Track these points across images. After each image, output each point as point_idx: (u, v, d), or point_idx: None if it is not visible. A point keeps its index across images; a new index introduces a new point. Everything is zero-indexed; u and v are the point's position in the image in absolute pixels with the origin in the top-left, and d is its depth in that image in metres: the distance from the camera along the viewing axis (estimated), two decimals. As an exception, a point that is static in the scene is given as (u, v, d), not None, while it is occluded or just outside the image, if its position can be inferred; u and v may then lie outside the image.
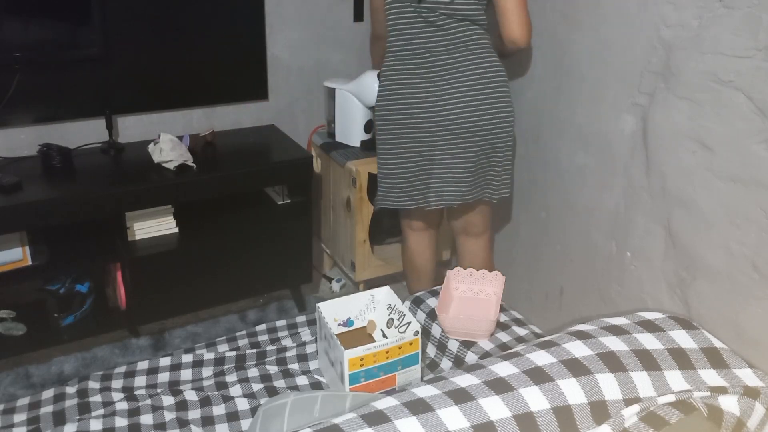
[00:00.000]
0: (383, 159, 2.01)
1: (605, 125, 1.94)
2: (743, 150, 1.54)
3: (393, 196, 2.02)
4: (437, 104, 1.90)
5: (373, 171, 2.34)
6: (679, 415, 0.96)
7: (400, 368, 1.48)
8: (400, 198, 2.02)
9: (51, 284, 2.18)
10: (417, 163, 1.97)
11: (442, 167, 1.96)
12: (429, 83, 1.90)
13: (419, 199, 2.01)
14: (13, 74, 2.13)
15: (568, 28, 2.02)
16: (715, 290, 1.67)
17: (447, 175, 1.97)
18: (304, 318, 1.91)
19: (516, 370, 1.01)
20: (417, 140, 1.94)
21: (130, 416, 1.49)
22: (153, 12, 2.30)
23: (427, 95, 1.90)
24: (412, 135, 1.94)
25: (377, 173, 2.06)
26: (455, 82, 1.89)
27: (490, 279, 1.75)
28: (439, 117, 1.90)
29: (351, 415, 0.94)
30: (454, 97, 1.89)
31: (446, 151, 1.93)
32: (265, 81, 2.61)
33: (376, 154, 2.05)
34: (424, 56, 1.90)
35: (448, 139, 1.92)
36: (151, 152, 2.20)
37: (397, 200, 2.02)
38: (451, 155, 1.94)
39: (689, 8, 1.61)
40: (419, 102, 1.91)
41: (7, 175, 2.01)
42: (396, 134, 1.96)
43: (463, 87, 1.89)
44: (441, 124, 1.91)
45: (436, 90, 1.90)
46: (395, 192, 2.01)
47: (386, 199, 2.04)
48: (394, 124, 1.95)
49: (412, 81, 1.91)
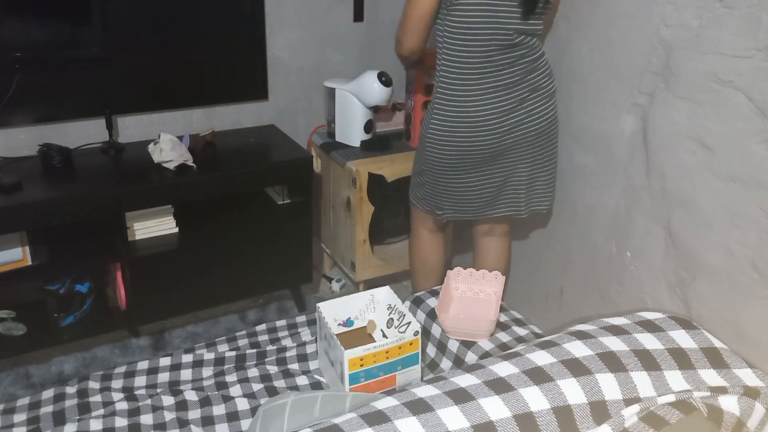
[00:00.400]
0: (454, 179, 1.96)
1: (605, 125, 1.94)
2: (743, 150, 1.54)
3: (470, 210, 2.02)
4: (523, 123, 1.89)
5: (374, 171, 2.34)
6: (679, 415, 0.96)
7: (400, 368, 1.48)
8: (477, 211, 2.02)
9: (51, 284, 2.18)
10: (501, 179, 1.97)
11: (526, 177, 1.98)
12: (514, 103, 1.87)
13: (499, 209, 2.04)
14: (13, 74, 2.12)
15: (569, 28, 2.02)
16: (715, 290, 1.67)
17: (534, 183, 2.02)
18: (304, 318, 1.91)
19: (516, 370, 1.01)
20: (499, 159, 1.93)
21: (130, 416, 1.49)
22: (153, 12, 2.29)
23: (513, 116, 1.88)
24: (492, 155, 1.91)
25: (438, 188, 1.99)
26: (538, 99, 1.91)
27: (490, 279, 1.75)
28: (524, 134, 1.91)
29: (351, 415, 0.94)
30: (539, 113, 1.91)
31: (531, 162, 1.97)
32: (265, 81, 2.61)
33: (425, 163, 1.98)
34: (508, 77, 1.85)
35: (534, 152, 1.96)
36: (151, 152, 2.20)
37: (473, 213, 2.03)
38: (538, 166, 1.99)
39: (689, 8, 1.61)
40: (504, 124, 1.87)
41: (7, 175, 2.01)
42: (475, 157, 1.91)
43: (545, 101, 1.92)
44: (527, 140, 1.92)
45: (521, 109, 1.88)
46: (472, 207, 2.01)
47: (461, 212, 2.02)
48: (473, 147, 1.89)
49: (494, 103, 1.86)
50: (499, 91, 1.85)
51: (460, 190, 1.97)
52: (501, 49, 1.81)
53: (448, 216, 2.04)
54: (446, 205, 2.01)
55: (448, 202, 2.01)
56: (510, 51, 1.82)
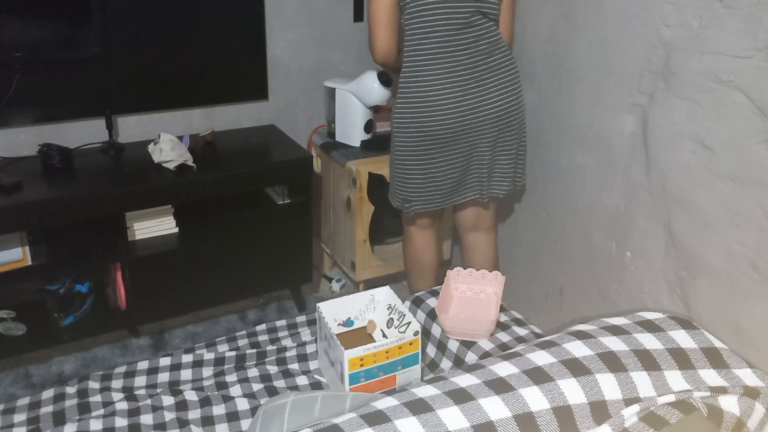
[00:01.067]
0: (419, 165, 1.96)
1: (605, 125, 1.94)
2: (743, 150, 1.54)
3: (437, 198, 2.02)
4: (482, 104, 1.91)
5: (374, 171, 2.34)
6: (679, 415, 0.96)
7: (400, 368, 1.48)
8: (444, 198, 2.03)
9: (51, 284, 2.18)
10: (463, 161, 1.98)
11: (487, 160, 2.00)
12: (473, 84, 1.89)
13: (464, 193, 2.06)
14: (13, 74, 2.13)
15: (569, 28, 2.02)
16: (715, 290, 1.67)
17: (494, 167, 2.04)
18: (304, 318, 1.91)
19: (516, 370, 1.01)
20: (460, 140, 1.93)
21: (130, 416, 1.49)
22: (153, 12, 2.30)
23: (471, 96, 1.90)
24: (453, 136, 1.92)
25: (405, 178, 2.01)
26: (498, 81, 1.93)
27: (490, 279, 1.75)
28: (484, 115, 1.92)
29: (351, 415, 0.94)
30: (499, 95, 1.93)
31: (492, 145, 1.98)
32: (265, 81, 2.61)
33: (393, 155, 2.02)
34: (466, 58, 1.88)
35: (494, 135, 1.97)
36: (151, 152, 2.20)
37: (440, 201, 2.04)
38: (499, 149, 2.01)
39: (689, 8, 1.61)
40: (463, 103, 1.89)
41: (7, 175, 2.01)
42: (436, 139, 1.92)
43: (506, 84, 1.95)
44: (487, 122, 1.93)
45: (480, 90, 1.90)
46: (438, 194, 2.01)
47: (427, 203, 2.03)
48: (433, 128, 1.90)
49: (452, 83, 1.88)
50: (458, 71, 1.87)
51: (425, 178, 1.98)
52: (458, 29, 1.85)
53: (416, 208, 2.04)
54: (412, 196, 2.02)
55: (414, 193, 2.01)
56: (467, 31, 1.86)
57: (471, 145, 1.96)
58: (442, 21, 1.84)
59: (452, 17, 1.84)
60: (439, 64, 1.87)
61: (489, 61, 1.91)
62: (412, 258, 2.25)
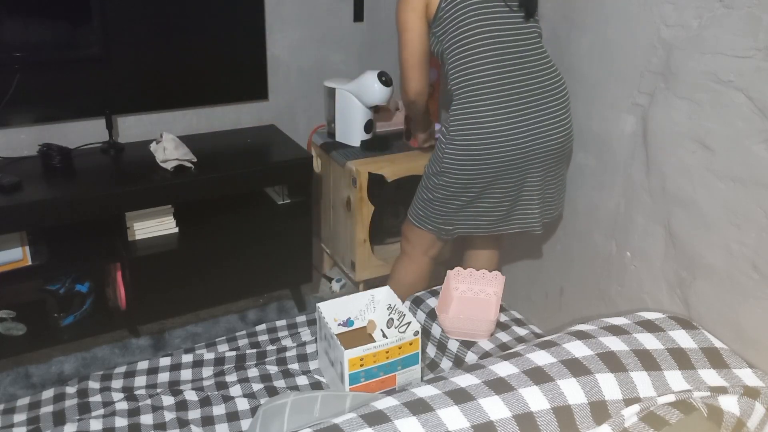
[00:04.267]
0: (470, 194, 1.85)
1: (605, 125, 1.94)
2: (743, 150, 1.54)
3: (483, 225, 1.92)
4: (540, 132, 1.80)
5: (374, 171, 2.34)
6: (679, 415, 0.96)
7: (400, 368, 1.48)
8: (491, 225, 1.93)
9: (51, 284, 2.18)
10: (516, 191, 1.87)
11: (538, 190, 1.89)
12: (530, 111, 1.78)
13: (512, 224, 1.95)
14: (13, 74, 2.12)
15: (569, 28, 2.02)
16: (715, 290, 1.67)
17: (546, 197, 1.94)
18: (304, 318, 1.92)
19: (516, 370, 1.01)
20: (517, 170, 1.82)
21: (130, 416, 1.49)
22: (153, 12, 2.30)
23: (529, 124, 1.78)
24: (508, 167, 1.80)
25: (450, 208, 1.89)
26: (555, 106, 1.82)
27: (490, 279, 1.75)
28: (543, 144, 1.81)
29: (351, 415, 0.94)
30: (556, 123, 1.83)
31: (543, 175, 1.88)
32: (265, 81, 2.61)
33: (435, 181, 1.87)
34: (520, 82, 1.77)
35: (548, 164, 1.87)
36: (154, 151, 2.20)
37: (487, 227, 1.93)
38: (550, 178, 1.91)
39: (689, 8, 1.61)
40: (520, 132, 1.78)
41: (7, 175, 2.01)
42: (491, 171, 1.80)
43: (561, 110, 1.84)
44: (544, 152, 1.83)
45: (538, 117, 1.79)
46: (486, 221, 1.91)
47: (473, 227, 1.92)
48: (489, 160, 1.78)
49: (508, 111, 1.76)
50: (512, 97, 1.77)
51: (476, 208, 1.88)
52: (508, 51, 1.77)
53: (459, 232, 1.94)
54: (458, 221, 1.91)
55: (459, 219, 1.91)
56: (518, 52, 1.78)
57: (523, 174, 1.84)
58: (488, 53, 1.75)
59: (500, 38, 1.75)
60: (492, 90, 1.76)
61: (544, 84, 1.80)
62: (406, 282, 2.09)
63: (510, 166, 1.80)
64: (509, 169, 1.81)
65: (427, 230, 1.96)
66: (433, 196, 1.89)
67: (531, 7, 1.80)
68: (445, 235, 1.96)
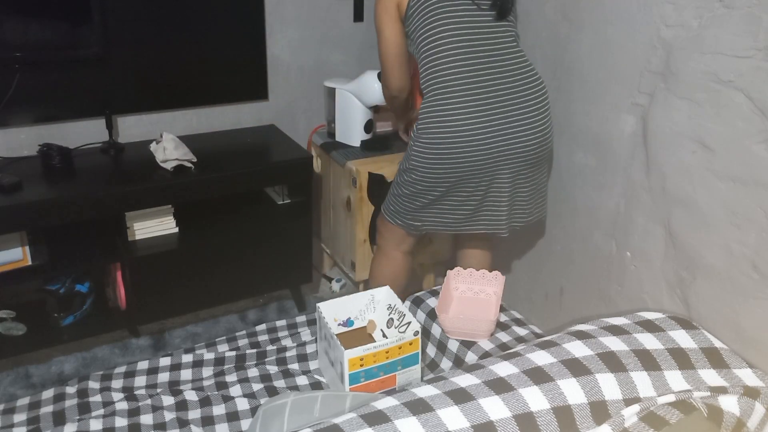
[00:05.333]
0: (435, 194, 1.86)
1: (605, 125, 1.94)
2: (743, 150, 1.54)
3: (450, 223, 1.92)
4: (510, 136, 1.78)
5: (374, 171, 2.34)
6: (679, 415, 0.96)
7: (400, 368, 1.48)
8: (458, 224, 1.92)
9: (51, 284, 2.18)
10: (482, 192, 1.86)
11: (506, 194, 1.87)
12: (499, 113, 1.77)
13: (477, 225, 1.93)
14: (13, 74, 2.13)
15: (569, 28, 2.02)
16: (715, 290, 1.67)
17: (515, 201, 1.92)
18: (304, 318, 1.91)
19: (516, 370, 1.01)
20: (484, 172, 1.81)
21: (130, 416, 1.49)
22: (153, 12, 2.30)
23: (497, 127, 1.77)
24: (475, 169, 1.80)
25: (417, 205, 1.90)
26: (527, 108, 1.80)
27: (490, 279, 1.75)
28: (512, 149, 1.80)
29: (351, 415, 0.94)
30: (528, 126, 1.80)
31: (513, 178, 1.85)
32: (265, 81, 2.61)
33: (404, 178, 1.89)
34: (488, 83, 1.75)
35: (517, 168, 1.84)
36: (154, 151, 2.20)
37: (454, 226, 1.93)
38: (521, 181, 1.88)
39: (689, 8, 1.61)
40: (488, 136, 1.76)
41: (7, 175, 2.01)
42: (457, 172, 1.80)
43: (535, 113, 1.82)
44: (514, 156, 1.81)
45: (508, 119, 1.78)
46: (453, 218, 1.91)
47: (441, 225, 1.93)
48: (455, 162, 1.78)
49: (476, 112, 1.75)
50: (480, 98, 1.76)
51: (442, 205, 1.89)
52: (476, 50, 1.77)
53: (427, 229, 1.96)
54: (425, 218, 1.93)
55: (427, 216, 1.92)
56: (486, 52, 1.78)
57: (491, 176, 1.83)
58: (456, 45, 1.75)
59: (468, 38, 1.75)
60: (456, 90, 1.76)
61: (517, 86, 1.79)
62: (383, 278, 2.09)
63: (476, 166, 1.80)
64: (475, 170, 1.81)
65: (397, 225, 2.01)
66: (402, 191, 1.93)
67: (504, 7, 1.80)
68: (414, 231, 2.00)
